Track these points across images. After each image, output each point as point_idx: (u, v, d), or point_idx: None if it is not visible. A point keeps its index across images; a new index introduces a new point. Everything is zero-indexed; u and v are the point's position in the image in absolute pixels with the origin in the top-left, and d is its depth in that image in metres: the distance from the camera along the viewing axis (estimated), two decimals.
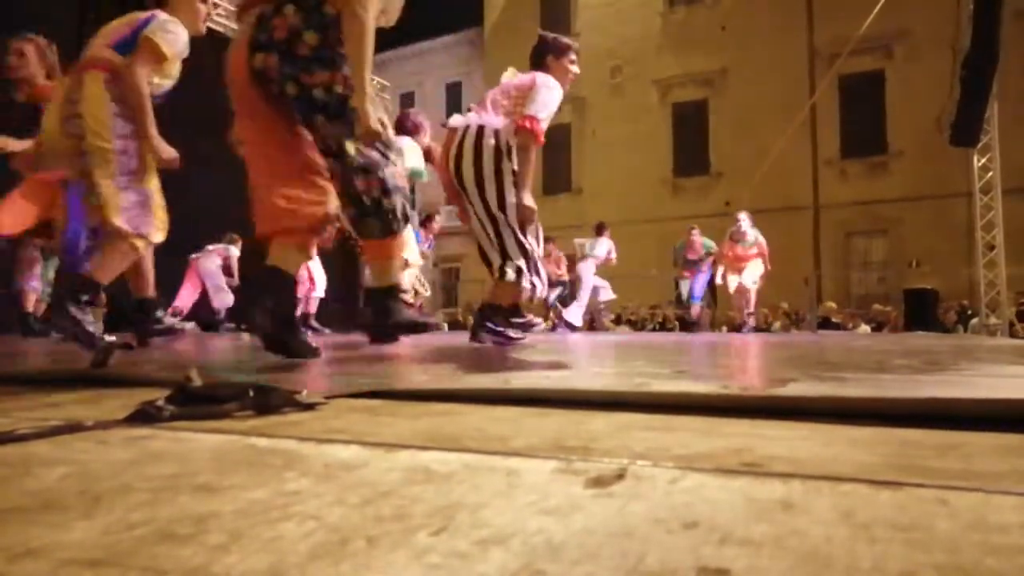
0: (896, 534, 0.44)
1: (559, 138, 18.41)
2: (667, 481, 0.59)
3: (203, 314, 7.43)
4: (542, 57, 3.74)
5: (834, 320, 11.53)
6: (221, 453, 0.73)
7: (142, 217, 2.95)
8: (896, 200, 16.00)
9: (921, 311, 10.28)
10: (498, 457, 0.70)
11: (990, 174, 9.21)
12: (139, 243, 2.98)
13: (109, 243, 2.94)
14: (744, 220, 8.64)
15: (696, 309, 9.42)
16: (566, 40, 3.85)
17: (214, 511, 0.51)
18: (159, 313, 3.41)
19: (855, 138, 16.87)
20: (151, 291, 3.35)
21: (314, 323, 6.91)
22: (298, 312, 5.34)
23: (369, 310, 2.48)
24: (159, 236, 3.05)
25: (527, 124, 3.39)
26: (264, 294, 2.22)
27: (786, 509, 0.50)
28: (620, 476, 0.61)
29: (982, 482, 0.58)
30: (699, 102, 18.67)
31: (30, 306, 4.93)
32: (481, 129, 3.43)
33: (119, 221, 2.89)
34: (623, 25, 18.69)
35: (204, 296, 7.65)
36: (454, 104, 24.11)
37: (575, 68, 3.79)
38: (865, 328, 11.26)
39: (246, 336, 5.06)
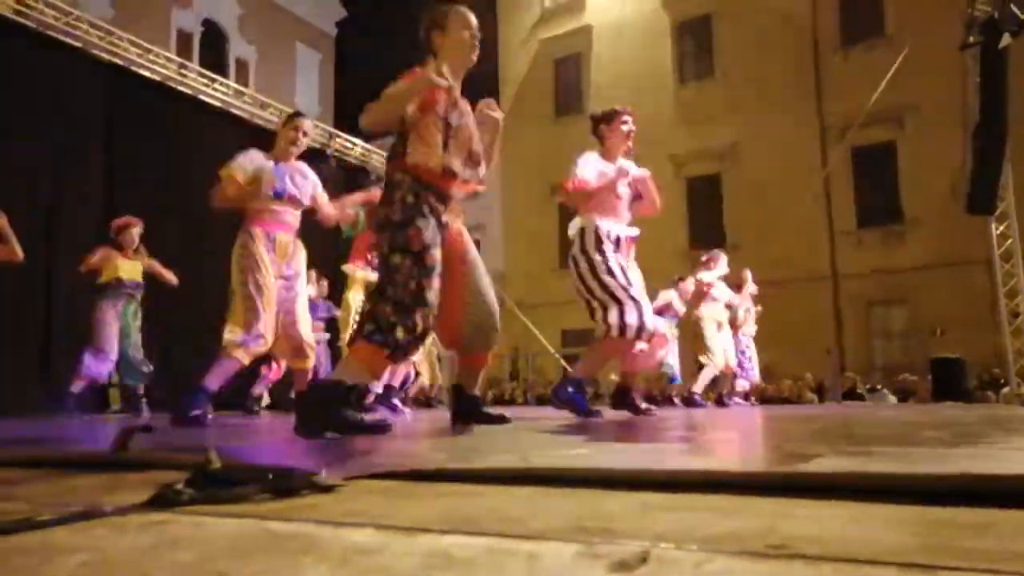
0: None
1: (572, 215, 18.65)
2: (692, 564, 0.57)
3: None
4: (596, 132, 4.14)
5: (858, 391, 11.31)
6: (239, 538, 0.72)
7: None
8: (915, 269, 15.90)
9: (948, 380, 10.08)
10: (519, 540, 0.68)
11: (1009, 241, 9.17)
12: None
13: None
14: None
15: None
16: (611, 108, 4.21)
17: None
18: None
19: (870, 208, 16.93)
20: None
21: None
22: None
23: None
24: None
25: (566, 186, 4.04)
26: None
27: None
28: (643, 559, 0.59)
29: (1023, 564, 0.56)
30: (713, 176, 18.91)
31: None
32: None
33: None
34: (636, 103, 18.97)
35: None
36: None
37: (627, 127, 4.23)
38: (892, 398, 11.04)
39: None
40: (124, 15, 15.01)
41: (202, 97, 8.99)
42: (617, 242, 3.98)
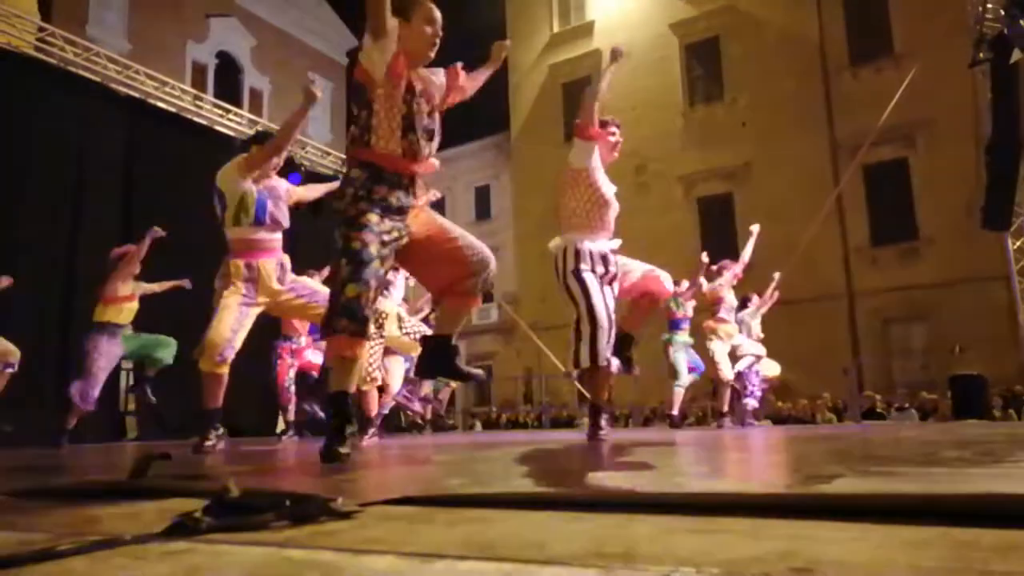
0: None
1: None
2: None
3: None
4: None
5: (878, 410, 11.17)
6: (257, 567, 0.72)
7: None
8: (933, 286, 15.76)
9: (969, 398, 9.93)
10: (536, 566, 0.68)
11: None
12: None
13: None
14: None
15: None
16: (601, 118, 4.22)
17: None
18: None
19: (884, 225, 16.84)
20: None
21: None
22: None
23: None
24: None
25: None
26: None
27: None
28: None
29: None
30: (724, 196, 18.90)
31: None
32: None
33: None
34: (646, 125, 19.17)
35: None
36: (483, 206, 24.80)
37: (614, 138, 4.27)
38: (916, 416, 10.90)
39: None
40: (140, 49, 15.30)
41: (217, 127, 9.13)
42: (603, 259, 3.93)
